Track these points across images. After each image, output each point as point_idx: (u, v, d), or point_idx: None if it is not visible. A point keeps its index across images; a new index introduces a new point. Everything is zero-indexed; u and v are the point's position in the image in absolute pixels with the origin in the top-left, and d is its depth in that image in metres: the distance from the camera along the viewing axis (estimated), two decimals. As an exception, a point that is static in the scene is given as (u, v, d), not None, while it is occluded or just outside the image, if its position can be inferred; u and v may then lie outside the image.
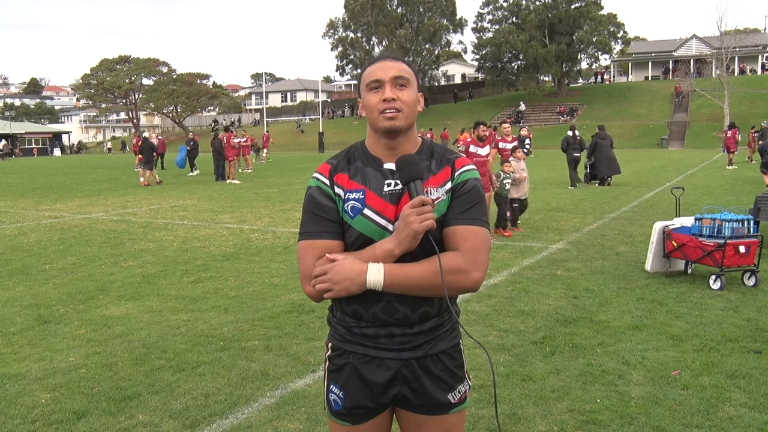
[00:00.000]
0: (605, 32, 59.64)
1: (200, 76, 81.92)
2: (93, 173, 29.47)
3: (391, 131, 1.80)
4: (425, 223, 1.70)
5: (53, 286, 6.97)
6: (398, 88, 1.81)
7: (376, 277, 1.74)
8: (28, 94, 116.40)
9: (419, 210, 1.70)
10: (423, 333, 1.84)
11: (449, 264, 1.74)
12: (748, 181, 18.03)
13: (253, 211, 13.52)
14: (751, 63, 64.78)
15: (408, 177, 1.76)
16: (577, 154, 17.99)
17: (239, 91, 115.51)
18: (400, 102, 1.79)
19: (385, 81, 1.80)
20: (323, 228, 1.82)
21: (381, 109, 1.79)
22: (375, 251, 1.77)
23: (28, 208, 15.02)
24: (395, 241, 1.74)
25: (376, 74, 1.81)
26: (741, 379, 4.13)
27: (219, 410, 3.79)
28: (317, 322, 5.44)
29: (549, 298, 6.17)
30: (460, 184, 1.84)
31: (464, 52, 78.48)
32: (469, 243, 1.77)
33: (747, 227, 6.58)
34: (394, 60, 1.85)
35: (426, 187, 1.81)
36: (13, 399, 3.99)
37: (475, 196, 1.83)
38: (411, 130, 1.86)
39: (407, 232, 1.71)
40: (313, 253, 1.81)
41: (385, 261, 1.76)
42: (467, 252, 1.77)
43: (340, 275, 1.75)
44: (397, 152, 1.84)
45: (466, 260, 1.76)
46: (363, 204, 1.80)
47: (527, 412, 3.72)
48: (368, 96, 1.82)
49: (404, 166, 1.77)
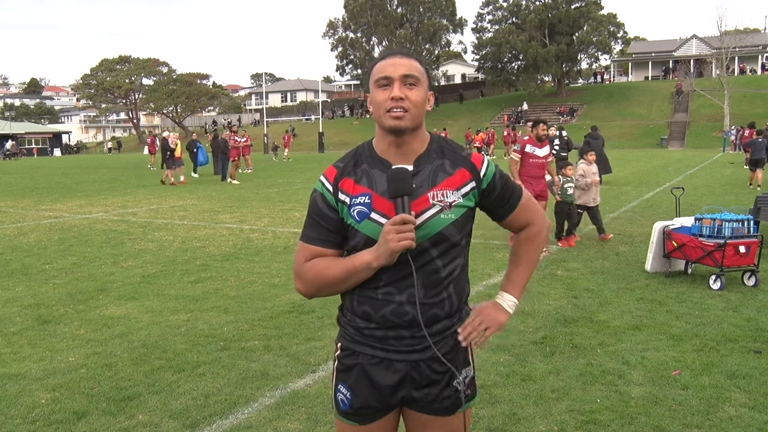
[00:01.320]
0: (605, 32, 59.66)
1: (200, 76, 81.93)
2: (93, 173, 29.47)
3: (396, 131, 1.78)
4: (402, 243, 1.70)
5: (53, 286, 6.97)
6: (407, 87, 1.76)
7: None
8: (28, 94, 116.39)
9: (399, 228, 1.69)
10: (432, 335, 1.83)
11: (538, 241, 1.98)
12: (748, 181, 18.04)
13: (253, 211, 13.52)
14: (751, 63, 64.79)
15: (395, 191, 1.73)
16: (564, 153, 18.15)
17: (239, 91, 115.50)
18: (408, 101, 1.75)
19: (395, 79, 1.76)
20: (319, 235, 1.86)
21: (388, 108, 1.76)
22: (354, 262, 1.79)
23: (28, 208, 15.02)
24: (374, 255, 1.75)
25: (386, 71, 1.77)
26: (741, 379, 4.13)
27: (219, 410, 3.79)
28: (317, 322, 5.44)
29: (549, 298, 6.17)
30: (491, 185, 1.88)
31: (464, 52, 78.55)
32: (529, 218, 1.97)
33: (747, 227, 6.59)
34: (406, 57, 1.80)
35: (442, 189, 1.80)
36: (13, 399, 3.99)
37: (504, 181, 1.92)
38: (419, 129, 1.83)
39: (385, 248, 1.72)
40: (304, 255, 1.87)
41: (363, 272, 1.78)
42: (534, 219, 1.97)
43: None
44: (405, 151, 1.82)
45: (538, 226, 1.98)
46: (370, 208, 1.79)
47: (527, 412, 3.72)
48: (376, 92, 1.79)
49: (394, 179, 1.74)
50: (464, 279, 1.91)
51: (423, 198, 1.78)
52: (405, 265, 1.77)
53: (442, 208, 1.79)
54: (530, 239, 1.97)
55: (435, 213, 1.78)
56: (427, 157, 1.84)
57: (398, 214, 1.71)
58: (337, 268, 1.81)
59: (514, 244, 2.01)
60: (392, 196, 1.74)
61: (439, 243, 1.79)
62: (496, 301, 1.94)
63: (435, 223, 1.78)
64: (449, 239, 1.80)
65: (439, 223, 1.78)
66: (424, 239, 1.77)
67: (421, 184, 1.79)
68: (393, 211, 1.75)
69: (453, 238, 1.81)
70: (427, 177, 1.81)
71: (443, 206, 1.79)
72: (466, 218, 1.84)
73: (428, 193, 1.79)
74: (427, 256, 1.79)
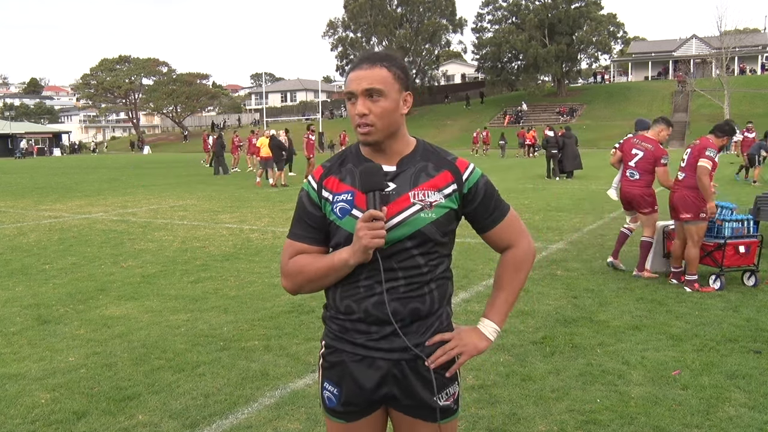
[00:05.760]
0: (605, 32, 59.73)
1: (200, 76, 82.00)
2: (93, 173, 29.47)
3: (366, 144, 1.84)
4: (375, 241, 1.71)
5: (53, 286, 6.97)
6: (371, 101, 1.77)
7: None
8: (28, 94, 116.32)
9: (370, 225, 1.71)
10: (413, 333, 1.83)
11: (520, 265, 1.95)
12: (748, 181, 18.04)
13: (252, 211, 13.52)
14: (751, 63, 64.79)
15: (366, 186, 1.76)
16: (554, 150, 21.15)
17: (239, 91, 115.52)
18: (372, 116, 1.77)
19: (357, 94, 1.77)
20: (304, 232, 1.89)
21: (356, 123, 1.80)
22: (333, 259, 1.81)
23: (27, 208, 15.02)
24: (350, 252, 1.77)
25: (350, 86, 1.79)
26: (741, 379, 4.13)
27: (219, 410, 3.79)
28: (317, 322, 5.43)
29: (549, 298, 6.17)
30: (472, 190, 1.87)
31: (464, 52, 78.55)
32: (513, 237, 1.95)
33: (747, 227, 6.59)
34: (372, 66, 1.78)
35: (423, 190, 1.82)
36: (13, 399, 3.99)
37: (490, 193, 1.91)
38: (396, 133, 1.84)
39: (358, 245, 1.74)
40: (290, 251, 1.91)
41: (342, 269, 1.81)
42: (517, 242, 1.95)
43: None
44: (388, 154, 1.85)
45: (522, 250, 1.95)
46: (351, 205, 1.81)
47: (527, 412, 3.72)
48: (348, 105, 1.84)
49: (364, 175, 1.77)
50: (447, 278, 1.92)
51: (404, 197, 1.80)
52: (384, 258, 1.79)
53: (422, 207, 1.80)
54: (514, 264, 1.95)
55: (415, 211, 1.80)
56: (412, 158, 1.86)
57: (368, 209, 1.73)
58: (318, 264, 1.84)
59: (498, 268, 2.00)
60: (364, 190, 1.77)
61: (419, 241, 1.81)
62: (477, 327, 1.94)
63: (415, 222, 1.79)
64: (429, 238, 1.81)
65: (419, 221, 1.80)
66: (404, 237, 1.79)
67: (403, 184, 1.81)
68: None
69: (434, 237, 1.82)
70: (409, 177, 1.83)
71: (423, 205, 1.80)
72: (448, 219, 1.84)
73: (409, 193, 1.81)
74: (407, 253, 1.81)
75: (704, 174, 6.24)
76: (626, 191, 7.13)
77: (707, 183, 6.26)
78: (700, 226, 6.34)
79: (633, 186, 7.09)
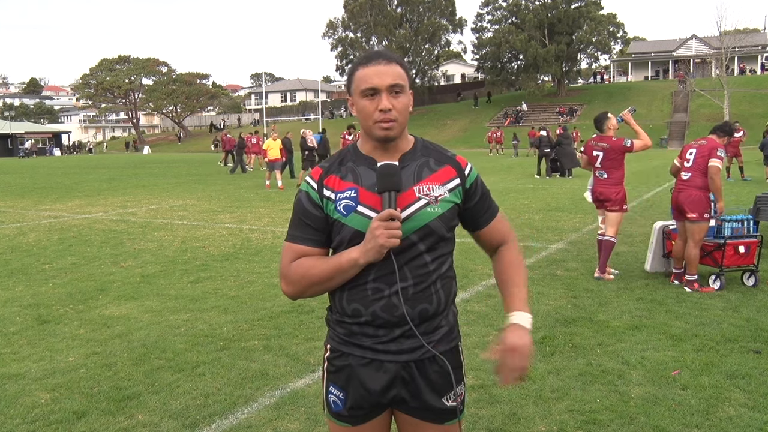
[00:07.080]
0: (605, 32, 59.66)
1: (200, 76, 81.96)
2: (93, 173, 29.47)
3: (386, 140, 1.81)
4: (391, 240, 1.71)
5: (53, 286, 6.97)
6: (394, 96, 1.77)
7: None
8: (28, 94, 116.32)
9: (387, 225, 1.70)
10: (421, 334, 1.83)
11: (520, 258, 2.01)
12: (748, 182, 18.04)
13: (252, 211, 13.52)
14: (750, 63, 64.79)
15: (384, 186, 1.74)
16: (547, 150, 22.05)
17: (239, 91, 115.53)
18: (395, 111, 1.77)
19: (382, 90, 1.75)
20: (305, 234, 1.86)
21: (377, 119, 1.76)
22: (340, 259, 1.79)
23: (27, 208, 15.01)
24: (361, 251, 1.75)
25: (373, 81, 1.76)
26: (741, 379, 4.13)
27: (219, 410, 3.79)
28: (317, 322, 5.44)
29: (549, 298, 6.17)
30: (473, 185, 1.89)
31: (464, 52, 78.54)
32: (504, 233, 2.00)
33: (747, 227, 6.59)
34: (389, 62, 1.78)
35: (427, 184, 1.81)
36: (13, 399, 3.99)
37: (486, 190, 1.96)
38: (404, 131, 1.86)
39: (373, 244, 1.72)
40: (290, 255, 1.87)
41: (350, 270, 1.78)
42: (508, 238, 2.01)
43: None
44: (391, 151, 1.84)
45: (516, 245, 2.02)
46: (356, 202, 1.80)
47: (527, 412, 3.72)
48: (362, 102, 1.78)
49: (383, 174, 1.75)
50: (451, 277, 1.92)
51: (409, 192, 1.80)
52: (392, 260, 1.77)
53: (428, 201, 1.80)
54: (515, 257, 1.99)
55: (421, 206, 1.79)
56: (412, 154, 1.86)
57: (385, 209, 1.72)
58: (323, 266, 1.81)
59: (498, 266, 1.99)
60: (381, 190, 1.75)
61: (426, 236, 1.80)
62: (513, 324, 1.89)
63: (421, 216, 1.79)
64: (436, 233, 1.81)
65: (426, 216, 1.79)
66: (410, 232, 1.78)
67: (407, 179, 1.81)
68: (380, 205, 1.76)
69: (440, 232, 1.81)
70: (412, 172, 1.83)
71: (429, 200, 1.80)
72: (452, 213, 1.84)
73: (414, 187, 1.81)
74: (415, 250, 1.80)
75: (717, 174, 6.29)
76: (599, 191, 7.21)
77: (720, 183, 6.34)
78: (702, 226, 6.34)
79: (604, 185, 7.17)
